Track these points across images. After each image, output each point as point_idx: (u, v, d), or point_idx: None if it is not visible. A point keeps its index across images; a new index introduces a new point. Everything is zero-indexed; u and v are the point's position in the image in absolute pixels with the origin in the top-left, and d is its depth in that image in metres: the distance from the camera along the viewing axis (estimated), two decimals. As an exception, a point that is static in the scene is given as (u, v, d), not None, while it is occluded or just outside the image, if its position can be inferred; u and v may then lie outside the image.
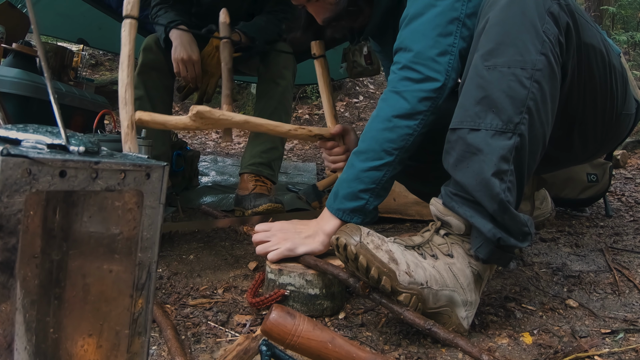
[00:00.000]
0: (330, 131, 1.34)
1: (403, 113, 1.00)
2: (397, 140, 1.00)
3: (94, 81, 2.91)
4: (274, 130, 1.27)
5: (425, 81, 0.98)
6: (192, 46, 1.79)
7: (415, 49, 0.99)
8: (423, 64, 0.98)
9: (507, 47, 0.87)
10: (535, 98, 0.86)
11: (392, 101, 1.01)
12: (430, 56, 0.98)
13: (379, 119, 1.03)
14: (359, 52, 2.39)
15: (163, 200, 0.53)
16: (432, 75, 0.98)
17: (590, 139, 1.11)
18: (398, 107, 1.00)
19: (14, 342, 0.43)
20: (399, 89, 1.01)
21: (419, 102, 0.98)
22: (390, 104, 1.02)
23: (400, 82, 1.01)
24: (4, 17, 2.21)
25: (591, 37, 0.98)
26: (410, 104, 0.99)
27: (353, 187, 1.03)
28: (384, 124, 1.01)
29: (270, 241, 1.08)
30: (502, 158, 0.86)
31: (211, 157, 3.55)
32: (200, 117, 1.16)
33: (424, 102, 0.98)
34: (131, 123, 1.18)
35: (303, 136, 1.32)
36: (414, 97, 0.99)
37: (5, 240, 0.40)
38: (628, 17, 7.96)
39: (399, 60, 1.03)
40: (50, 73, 0.96)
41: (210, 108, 1.18)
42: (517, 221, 0.89)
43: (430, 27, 0.98)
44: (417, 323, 0.87)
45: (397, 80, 1.02)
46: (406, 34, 1.02)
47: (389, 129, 1.01)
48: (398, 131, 1.00)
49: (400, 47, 1.03)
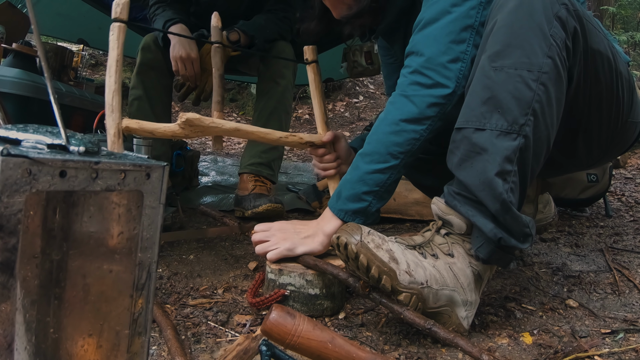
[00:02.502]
0: (322, 139, 1.33)
1: (411, 117, 1.00)
2: (403, 144, 1.00)
3: (94, 81, 2.91)
4: (264, 138, 1.25)
5: (435, 87, 0.98)
6: (191, 44, 1.79)
7: (427, 54, 0.99)
8: (434, 69, 0.98)
9: (514, 49, 0.87)
10: (541, 100, 0.87)
11: (401, 105, 1.01)
12: (442, 62, 0.98)
13: (386, 122, 1.03)
14: (360, 52, 2.39)
15: (163, 200, 0.53)
16: (442, 82, 0.98)
17: (594, 144, 1.11)
18: (406, 111, 1.00)
19: (14, 342, 0.43)
20: (408, 93, 1.01)
21: (428, 107, 0.98)
22: (399, 108, 1.02)
23: (410, 87, 1.01)
24: (4, 17, 2.21)
25: (598, 43, 0.98)
26: (418, 108, 0.99)
27: (357, 188, 1.03)
28: (391, 127, 1.01)
29: (269, 241, 1.08)
30: (506, 158, 0.86)
31: (211, 157, 3.55)
32: (190, 125, 1.13)
33: (433, 107, 0.98)
34: (118, 131, 1.14)
35: (294, 143, 1.31)
36: (423, 102, 0.99)
37: (5, 240, 0.40)
38: (628, 17, 7.96)
39: (409, 64, 1.03)
40: (50, 73, 0.96)
41: (200, 115, 1.15)
42: (518, 222, 0.89)
43: (443, 33, 0.98)
44: (417, 323, 0.87)
45: (406, 84, 1.02)
46: (419, 38, 1.02)
47: (395, 132, 1.01)
48: (405, 135, 1.00)
49: (412, 51, 1.03)
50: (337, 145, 1.36)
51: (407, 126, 1.00)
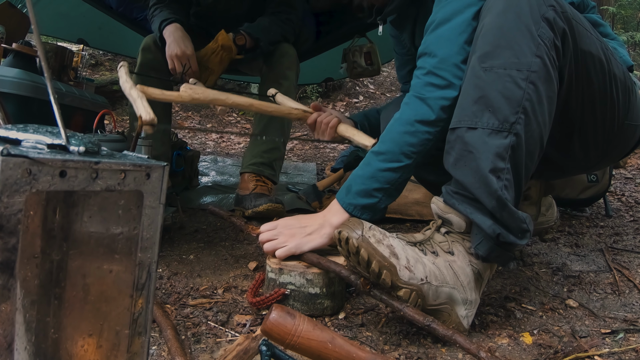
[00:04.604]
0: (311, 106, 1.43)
1: (425, 119, 1.01)
2: (417, 144, 1.02)
3: (94, 81, 2.90)
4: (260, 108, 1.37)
5: (448, 87, 0.99)
6: (186, 41, 1.78)
7: (440, 54, 1.00)
8: (447, 70, 0.99)
9: (503, 50, 0.89)
10: (531, 99, 0.88)
11: (415, 106, 1.03)
12: (455, 62, 0.99)
13: (400, 122, 1.04)
14: (359, 53, 2.39)
15: (163, 200, 0.53)
16: (454, 82, 0.99)
17: (591, 146, 1.12)
18: (421, 113, 1.01)
19: (14, 342, 0.43)
20: (424, 95, 1.02)
21: (441, 109, 1.00)
22: (413, 109, 1.03)
23: (425, 88, 1.02)
24: (4, 17, 2.21)
25: (589, 45, 0.99)
26: (433, 110, 1.00)
27: (368, 184, 1.04)
28: (406, 128, 1.03)
29: (277, 239, 1.08)
30: (498, 156, 0.87)
31: (211, 157, 3.55)
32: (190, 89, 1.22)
33: (446, 110, 1.00)
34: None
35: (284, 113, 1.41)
36: (437, 105, 1.00)
37: (5, 240, 0.40)
38: (628, 17, 7.97)
39: (423, 65, 1.04)
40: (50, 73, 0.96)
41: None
42: (515, 218, 0.90)
43: (456, 33, 1.00)
44: (416, 319, 0.87)
45: (421, 85, 1.03)
46: (432, 39, 1.03)
47: (410, 133, 1.02)
48: (419, 136, 1.02)
49: (425, 51, 1.04)
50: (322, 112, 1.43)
51: (422, 127, 1.01)
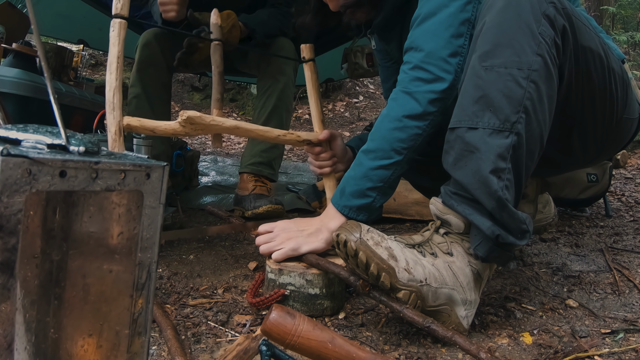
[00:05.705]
0: (318, 137, 1.34)
1: (413, 113, 1.01)
2: (406, 140, 1.02)
3: (94, 81, 2.91)
4: (263, 135, 1.26)
5: (435, 81, 0.99)
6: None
7: (427, 48, 1.00)
8: (434, 64, 0.99)
9: (504, 49, 0.88)
10: (532, 98, 0.87)
11: (403, 101, 1.02)
12: (442, 56, 0.99)
13: (389, 119, 1.04)
14: (361, 54, 2.39)
15: (163, 200, 0.53)
16: (442, 76, 0.99)
17: (590, 141, 1.11)
18: (409, 108, 1.01)
19: (14, 342, 0.43)
20: (410, 90, 1.01)
21: (429, 103, 1.00)
22: (401, 104, 1.02)
23: (412, 83, 1.02)
24: (4, 17, 2.21)
25: (589, 40, 0.98)
26: (420, 104, 1.00)
27: (361, 184, 1.04)
28: (394, 124, 1.02)
29: (274, 241, 1.08)
30: (499, 156, 0.87)
31: (211, 157, 3.55)
32: (191, 123, 1.13)
33: (435, 103, 0.99)
34: (119, 129, 1.13)
35: (292, 142, 1.31)
36: (425, 98, 1.00)
37: (5, 240, 0.40)
38: (628, 17, 7.96)
39: (409, 60, 1.03)
40: (50, 73, 0.96)
41: (201, 114, 1.15)
42: (515, 219, 0.89)
43: (442, 27, 0.99)
44: (416, 321, 0.87)
45: (408, 80, 1.02)
46: (418, 33, 1.02)
47: (399, 128, 1.02)
48: (408, 131, 1.01)
49: (411, 46, 1.03)
50: (333, 143, 1.36)
51: (410, 122, 1.01)
